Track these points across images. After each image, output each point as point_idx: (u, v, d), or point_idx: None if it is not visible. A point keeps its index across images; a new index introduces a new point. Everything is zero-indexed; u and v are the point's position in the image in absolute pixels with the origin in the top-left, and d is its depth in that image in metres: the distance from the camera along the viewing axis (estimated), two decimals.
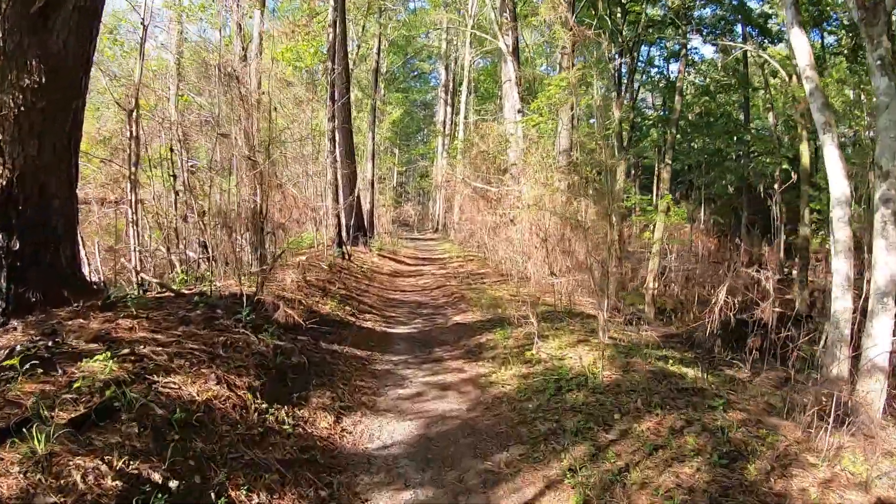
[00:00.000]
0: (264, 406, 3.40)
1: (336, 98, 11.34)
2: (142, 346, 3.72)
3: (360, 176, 16.64)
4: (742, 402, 5.13)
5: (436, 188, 24.64)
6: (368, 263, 11.92)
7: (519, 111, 12.82)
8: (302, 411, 3.59)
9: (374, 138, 18.47)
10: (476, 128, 17.10)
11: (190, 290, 5.48)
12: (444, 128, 26.29)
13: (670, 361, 5.68)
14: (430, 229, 26.49)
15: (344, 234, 11.75)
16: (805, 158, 14.88)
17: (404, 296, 9.55)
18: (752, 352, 6.55)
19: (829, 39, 18.19)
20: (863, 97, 16.67)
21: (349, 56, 15.85)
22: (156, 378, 3.33)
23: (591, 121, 18.61)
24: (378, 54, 18.92)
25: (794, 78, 15.25)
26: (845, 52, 17.12)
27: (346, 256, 11.07)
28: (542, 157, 10.76)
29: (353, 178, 13.54)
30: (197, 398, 3.24)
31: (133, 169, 5.91)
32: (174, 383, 3.32)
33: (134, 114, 5.98)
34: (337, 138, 11.48)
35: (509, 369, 5.10)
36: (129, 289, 5.66)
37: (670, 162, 18.04)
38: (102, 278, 5.48)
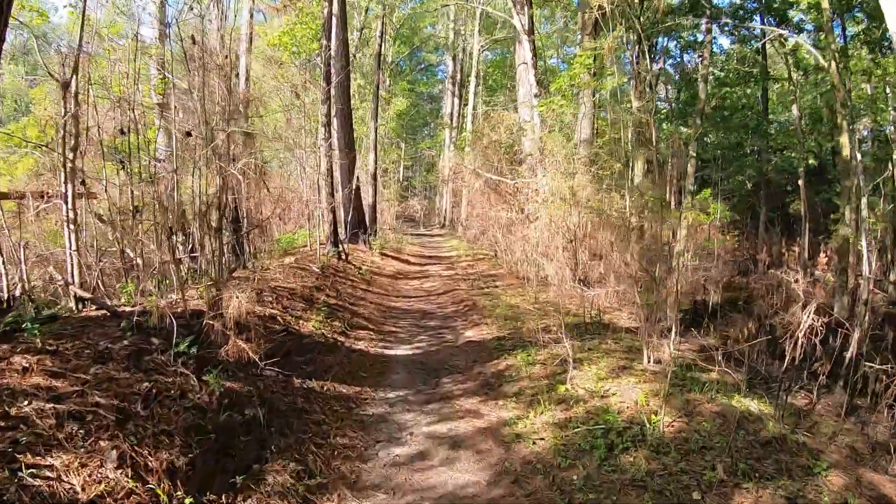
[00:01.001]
0: (188, 502, 2.26)
1: (333, 80, 10.16)
2: (25, 403, 2.61)
3: (363, 169, 15.45)
4: (824, 448, 4.15)
5: (442, 182, 23.46)
6: (368, 264, 10.76)
7: (535, 96, 11.57)
8: (247, 503, 2.45)
9: (376, 128, 17.17)
10: (487, 117, 15.90)
11: (136, 306, 4.36)
12: (452, 120, 25.08)
13: (735, 398, 4.58)
14: (437, 225, 25.42)
15: (340, 231, 10.60)
16: (846, 151, 13.53)
17: (407, 303, 8.40)
18: (820, 377, 5.63)
19: (852, 30, 16.93)
20: (887, 90, 15.44)
21: (351, 42, 14.64)
22: (28, 458, 2.21)
23: (603, 114, 17.41)
24: (381, 37, 17.62)
25: (832, 64, 13.95)
26: (871, 40, 15.74)
27: (343, 256, 9.92)
28: (563, 146, 9.56)
29: (351, 169, 12.34)
30: (80, 496, 2.11)
31: (70, 155, 4.78)
32: (53, 469, 2.20)
33: (71, 86, 4.85)
34: (333, 124, 10.31)
35: (540, 413, 3.94)
36: (69, 304, 4.57)
37: (694, 154, 16.87)
38: (27, 292, 4.36)
